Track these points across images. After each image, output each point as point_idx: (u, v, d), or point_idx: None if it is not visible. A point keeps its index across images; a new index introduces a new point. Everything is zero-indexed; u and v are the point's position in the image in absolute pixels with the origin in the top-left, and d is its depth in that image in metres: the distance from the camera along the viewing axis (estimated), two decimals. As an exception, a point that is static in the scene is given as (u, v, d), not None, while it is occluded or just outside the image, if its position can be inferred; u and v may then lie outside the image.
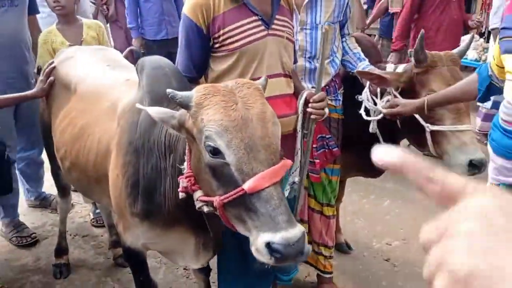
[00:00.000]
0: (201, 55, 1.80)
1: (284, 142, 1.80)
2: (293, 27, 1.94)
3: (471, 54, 5.86)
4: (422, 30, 2.10)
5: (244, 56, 1.76)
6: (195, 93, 1.30)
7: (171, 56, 4.45)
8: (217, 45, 1.77)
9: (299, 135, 1.89)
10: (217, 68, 1.81)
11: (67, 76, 2.18)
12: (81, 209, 3.51)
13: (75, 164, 1.96)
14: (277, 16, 1.80)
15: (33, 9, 3.02)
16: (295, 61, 2.04)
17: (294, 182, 1.92)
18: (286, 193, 1.87)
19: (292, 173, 1.91)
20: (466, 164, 1.89)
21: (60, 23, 2.91)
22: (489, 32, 6.23)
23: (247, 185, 1.19)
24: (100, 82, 2.01)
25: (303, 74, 2.21)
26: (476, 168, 1.88)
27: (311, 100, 1.83)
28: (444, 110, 1.97)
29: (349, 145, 2.34)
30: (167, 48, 4.51)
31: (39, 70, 2.73)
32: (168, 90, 1.32)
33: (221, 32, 1.73)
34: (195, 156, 1.35)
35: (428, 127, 1.98)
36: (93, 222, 3.32)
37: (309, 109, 1.84)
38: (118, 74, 2.04)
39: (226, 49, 1.76)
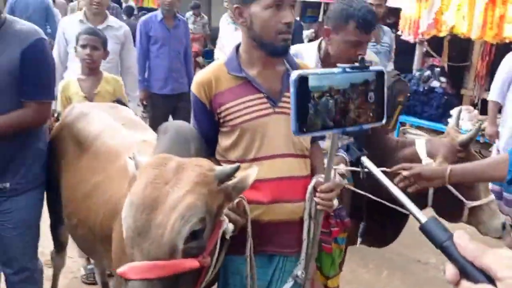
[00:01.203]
0: (208, 129, 1.80)
1: (289, 229, 1.75)
2: None
3: (466, 126, 5.99)
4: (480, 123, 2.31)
5: (247, 133, 1.72)
6: (146, 162, 1.34)
7: (176, 111, 4.65)
8: (221, 121, 1.77)
9: (305, 224, 1.76)
10: (223, 143, 1.79)
11: (81, 132, 2.17)
12: (72, 264, 3.38)
13: (83, 222, 1.92)
14: (286, 93, 1.74)
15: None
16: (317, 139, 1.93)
17: (297, 276, 1.76)
18: (288, 286, 1.74)
19: (298, 264, 1.77)
20: (501, 227, 2.16)
21: (82, 73, 2.93)
22: (483, 103, 6.42)
23: (120, 269, 1.19)
24: (115, 142, 2.01)
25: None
26: (504, 228, 2.17)
27: (318, 190, 1.67)
28: (482, 187, 2.19)
29: (359, 213, 2.32)
30: (171, 103, 4.63)
31: (58, 116, 2.76)
32: (131, 154, 1.39)
33: (222, 108, 1.73)
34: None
35: (468, 203, 2.18)
36: (83, 278, 3.20)
37: (316, 199, 1.68)
38: (134, 134, 2.04)
39: (228, 125, 1.75)
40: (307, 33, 8.03)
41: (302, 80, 1.07)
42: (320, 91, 1.10)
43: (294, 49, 2.20)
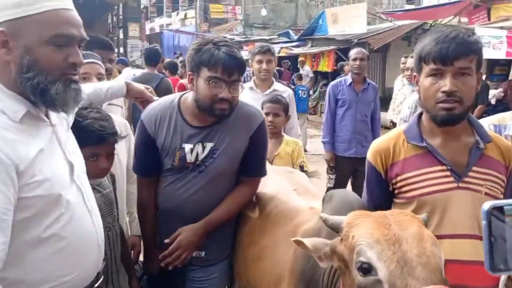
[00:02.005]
0: (380, 199, 1.70)
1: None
2: (505, 182, 1.60)
3: None
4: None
5: (424, 207, 1.56)
6: (347, 217, 1.31)
7: (356, 173, 4.54)
8: (396, 191, 1.66)
9: None
10: None
11: (257, 194, 2.22)
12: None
13: (252, 283, 1.94)
14: (474, 168, 1.55)
15: None
16: None
17: None
18: None
19: None
20: None
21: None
22: None
23: None
24: (286, 206, 2.02)
25: None
26: None
27: None
28: None
29: None
30: (354, 165, 4.54)
31: None
32: (322, 215, 1.32)
33: (399, 178, 1.62)
34: (348, 286, 1.28)
35: None
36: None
37: None
38: (303, 201, 2.04)
39: (404, 196, 1.62)
40: (494, 92, 7.02)
41: (496, 211, 0.88)
42: None
43: (492, 120, 2.00)
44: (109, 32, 11.50)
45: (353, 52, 4.64)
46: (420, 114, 1.68)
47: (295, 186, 2.21)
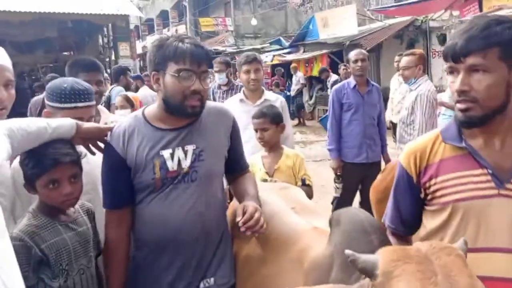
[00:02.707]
0: (411, 208, 1.54)
1: None
2: None
3: None
4: None
5: (458, 214, 1.40)
6: (382, 258, 1.07)
7: (365, 180, 4.32)
8: (428, 197, 1.48)
9: None
10: (429, 225, 1.50)
11: None
12: None
13: None
14: None
15: None
16: None
17: None
18: None
19: None
20: None
21: (265, 150, 3.03)
22: None
23: None
24: (284, 228, 1.82)
25: None
26: None
27: None
28: None
29: None
30: (363, 172, 4.35)
31: None
32: (347, 252, 1.09)
33: (433, 182, 1.45)
34: None
35: None
36: None
37: None
38: (303, 220, 1.85)
39: (437, 202, 1.45)
40: None
41: None
42: None
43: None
44: (100, 54, 11.39)
45: (352, 54, 4.45)
46: None
47: (292, 204, 2.01)
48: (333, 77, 10.51)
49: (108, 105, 5.76)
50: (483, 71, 1.32)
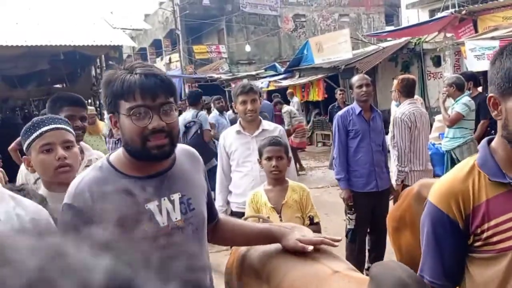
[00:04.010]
0: (455, 256, 1.36)
1: None
2: None
3: None
4: None
5: None
6: None
7: (375, 210, 4.08)
8: (478, 243, 1.31)
9: None
10: (480, 275, 1.32)
11: (258, 263, 1.81)
12: None
13: None
14: None
15: None
16: None
17: None
18: None
19: None
20: None
21: (268, 184, 2.90)
22: None
23: None
24: (300, 273, 1.60)
25: None
26: None
27: None
28: None
29: None
30: (374, 201, 4.18)
31: None
32: None
33: (486, 226, 1.29)
34: None
35: None
36: None
37: None
38: (320, 264, 1.61)
39: (492, 249, 1.29)
40: None
41: None
42: None
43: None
44: (93, 85, 11.24)
45: (356, 79, 4.28)
46: (489, 141, 1.37)
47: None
48: (285, 107, 10.23)
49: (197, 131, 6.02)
50: None
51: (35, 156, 1.95)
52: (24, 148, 1.98)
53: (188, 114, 6.33)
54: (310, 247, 1.56)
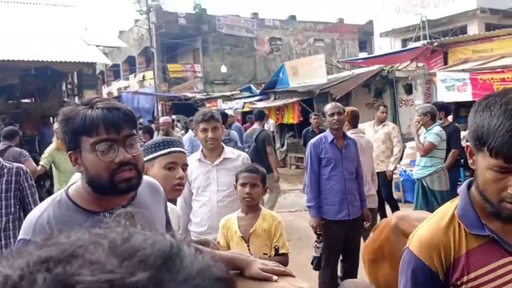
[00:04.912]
0: None
1: None
2: None
3: None
4: None
5: None
6: None
7: (348, 238, 4.09)
8: None
9: None
10: None
11: None
12: None
13: None
14: None
15: None
16: None
17: None
18: None
19: None
20: None
21: (242, 211, 2.84)
22: None
23: None
24: None
25: None
26: None
27: None
28: None
29: None
30: (345, 229, 4.18)
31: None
32: None
33: (465, 279, 1.28)
34: None
35: None
36: None
37: None
38: (284, 281, 1.54)
39: None
40: (464, 134, 6.89)
41: None
42: None
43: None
44: (63, 101, 11.03)
45: (328, 108, 4.29)
46: (469, 184, 1.36)
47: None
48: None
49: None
50: None
51: (157, 169, 2.15)
52: (146, 158, 2.05)
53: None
54: (275, 277, 1.52)
